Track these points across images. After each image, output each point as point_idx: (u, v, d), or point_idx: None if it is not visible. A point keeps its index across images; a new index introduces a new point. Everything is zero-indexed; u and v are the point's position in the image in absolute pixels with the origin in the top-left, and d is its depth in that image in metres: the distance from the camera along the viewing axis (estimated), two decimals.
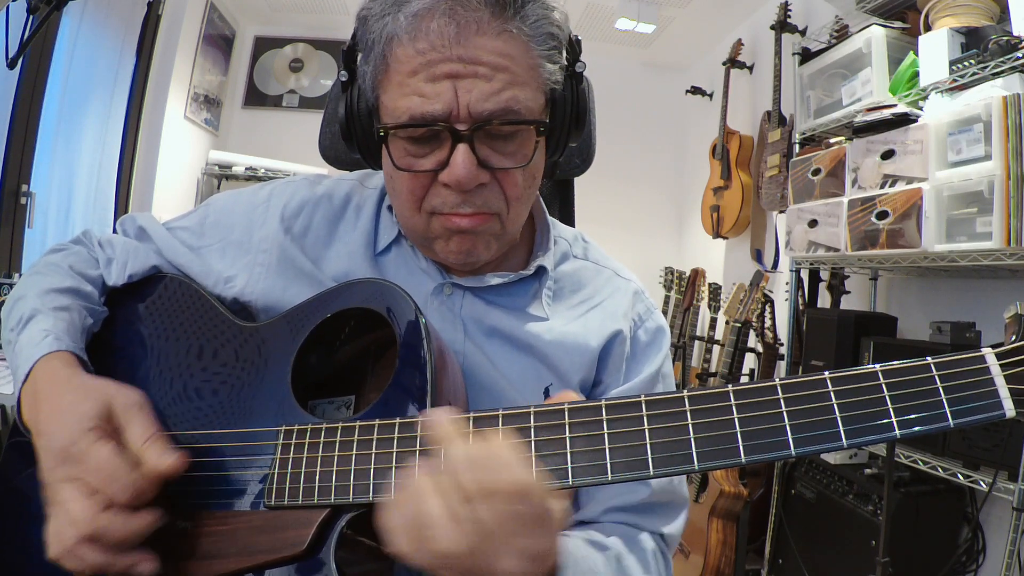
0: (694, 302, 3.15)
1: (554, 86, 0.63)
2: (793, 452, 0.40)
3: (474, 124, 0.57)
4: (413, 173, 0.61)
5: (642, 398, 0.43)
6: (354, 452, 0.48)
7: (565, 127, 0.66)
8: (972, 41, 1.64)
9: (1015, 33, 1.49)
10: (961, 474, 1.56)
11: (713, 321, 3.03)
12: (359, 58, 0.63)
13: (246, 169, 3.49)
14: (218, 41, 3.66)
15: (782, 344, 2.49)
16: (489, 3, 0.56)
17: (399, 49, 0.58)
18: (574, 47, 0.65)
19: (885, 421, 0.39)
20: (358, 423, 0.49)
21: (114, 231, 0.78)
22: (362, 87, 0.64)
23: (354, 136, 0.66)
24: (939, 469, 1.62)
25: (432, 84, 0.56)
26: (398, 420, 0.47)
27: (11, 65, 1.12)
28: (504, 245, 0.69)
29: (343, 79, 0.65)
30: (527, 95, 0.59)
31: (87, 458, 0.50)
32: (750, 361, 2.69)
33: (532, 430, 0.44)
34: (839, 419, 0.39)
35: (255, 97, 3.96)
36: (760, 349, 2.62)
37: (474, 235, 0.63)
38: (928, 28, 1.79)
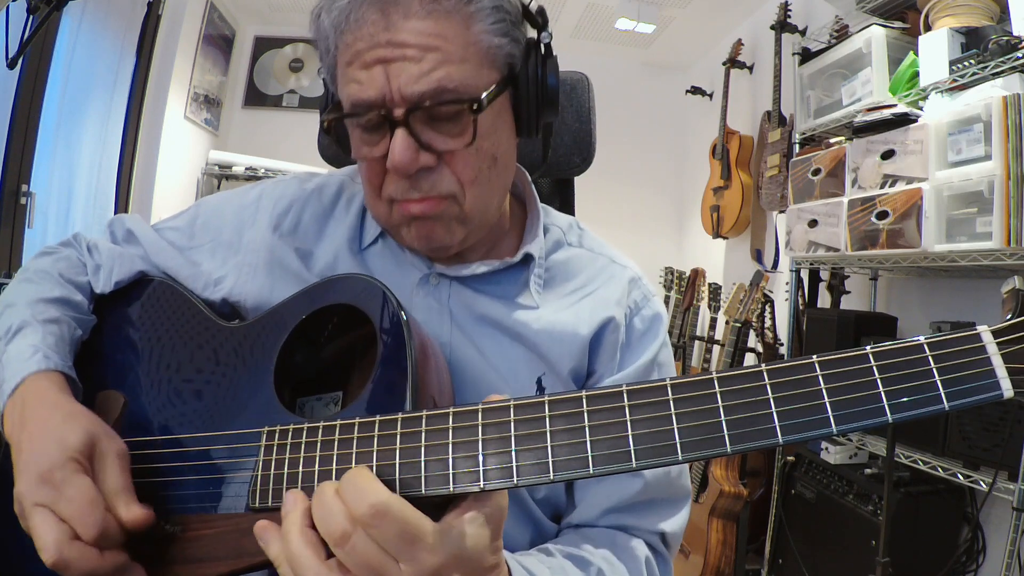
0: (694, 302, 3.15)
1: (510, 60, 0.62)
2: (780, 439, 0.38)
3: (408, 107, 0.57)
4: (368, 162, 0.62)
5: (623, 388, 0.42)
6: (335, 452, 0.47)
7: (531, 101, 0.64)
8: (972, 41, 1.64)
9: (1015, 33, 1.49)
10: (961, 474, 1.56)
11: (713, 321, 3.02)
12: None
13: (246, 169, 3.49)
14: (218, 41, 3.66)
15: (782, 344, 2.49)
16: None
17: (336, 42, 0.59)
18: (535, 17, 0.63)
19: (876, 405, 0.37)
20: (339, 422, 0.48)
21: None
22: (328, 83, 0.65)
23: (328, 131, 0.66)
24: (939, 469, 1.61)
25: (365, 71, 0.57)
26: (378, 418, 0.46)
27: (11, 65, 1.13)
28: (478, 231, 0.67)
29: (322, 77, 0.66)
30: (465, 72, 0.57)
31: (64, 487, 0.50)
32: (750, 361, 2.68)
33: (512, 424, 0.43)
34: (828, 404, 0.38)
35: (255, 97, 3.96)
36: (760, 349, 2.62)
37: (432, 220, 0.62)
38: (928, 28, 1.78)
